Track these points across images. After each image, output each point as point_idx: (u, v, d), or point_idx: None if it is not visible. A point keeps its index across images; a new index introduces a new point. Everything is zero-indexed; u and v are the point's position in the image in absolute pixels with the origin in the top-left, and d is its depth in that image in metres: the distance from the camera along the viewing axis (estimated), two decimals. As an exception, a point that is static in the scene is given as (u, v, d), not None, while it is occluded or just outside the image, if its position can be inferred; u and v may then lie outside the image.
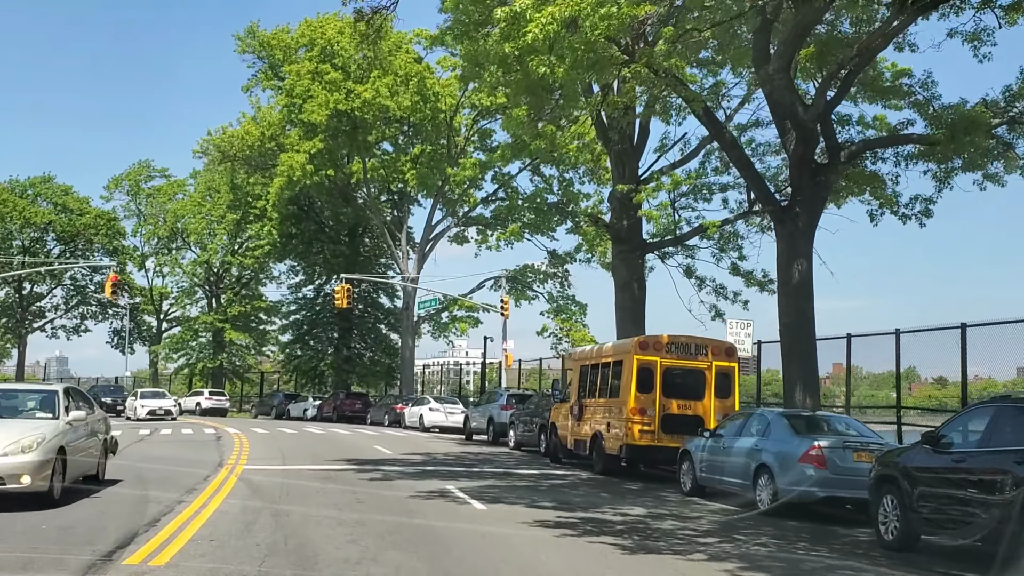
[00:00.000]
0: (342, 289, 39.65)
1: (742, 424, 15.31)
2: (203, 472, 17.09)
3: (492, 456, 24.17)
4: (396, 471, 18.36)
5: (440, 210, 51.74)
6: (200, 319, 67.19)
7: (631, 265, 25.79)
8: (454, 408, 39.24)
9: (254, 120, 50.38)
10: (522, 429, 26.88)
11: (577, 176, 50.34)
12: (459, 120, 49.53)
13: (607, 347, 20.35)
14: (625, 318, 25.65)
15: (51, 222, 72.63)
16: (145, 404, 45.02)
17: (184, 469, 17.69)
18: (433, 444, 28.74)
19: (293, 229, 54.73)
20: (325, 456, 21.94)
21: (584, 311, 50.59)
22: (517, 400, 30.37)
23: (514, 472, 19.46)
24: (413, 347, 51.17)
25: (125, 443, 26.07)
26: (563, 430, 22.28)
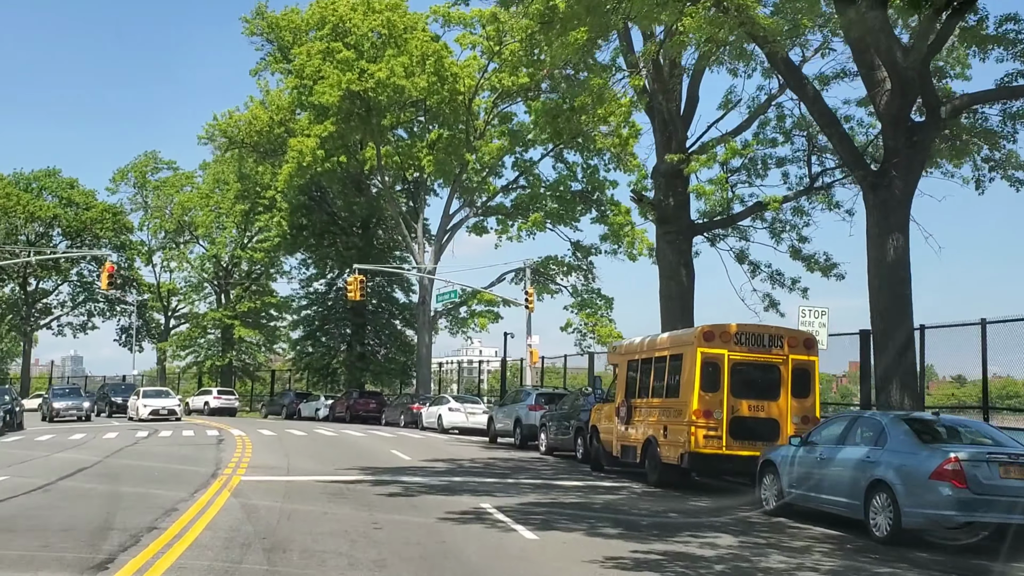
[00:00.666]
0: (355, 280, 36.99)
1: (844, 430, 12.52)
2: (191, 486, 14.44)
3: (524, 463, 21.44)
4: (419, 483, 15.66)
5: (458, 199, 49.07)
6: (208, 315, 64.75)
7: (678, 249, 23.02)
8: (475, 408, 36.54)
9: (262, 105, 47.78)
10: (555, 432, 24.14)
11: (602, 163, 47.75)
12: (478, 103, 46.80)
13: (662, 339, 17.59)
14: (671, 308, 22.90)
15: (56, 216, 70.35)
16: (147, 404, 42.57)
17: (169, 482, 15.07)
18: (455, 448, 26.05)
19: (304, 220, 52.10)
20: (336, 463, 19.28)
21: (610, 305, 47.80)
22: (546, 400, 27.64)
23: (555, 484, 16.72)
24: (430, 344, 48.51)
25: (115, 448, 23.54)
26: (606, 434, 19.54)
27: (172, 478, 15.90)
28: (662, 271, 23.32)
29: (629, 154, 46.40)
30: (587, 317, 46.61)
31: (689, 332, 16.51)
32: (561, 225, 48.57)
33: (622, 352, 19.10)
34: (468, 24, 45.12)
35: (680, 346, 16.59)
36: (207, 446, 24.14)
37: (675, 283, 22.97)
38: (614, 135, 45.63)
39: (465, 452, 24.39)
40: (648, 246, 46.83)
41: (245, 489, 14.21)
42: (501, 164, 48.54)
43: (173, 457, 20.78)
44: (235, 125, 46.81)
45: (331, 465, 18.81)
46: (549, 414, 25.02)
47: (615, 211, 46.84)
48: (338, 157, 45.32)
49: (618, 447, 18.68)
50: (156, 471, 17.12)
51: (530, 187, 47.73)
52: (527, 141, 47.94)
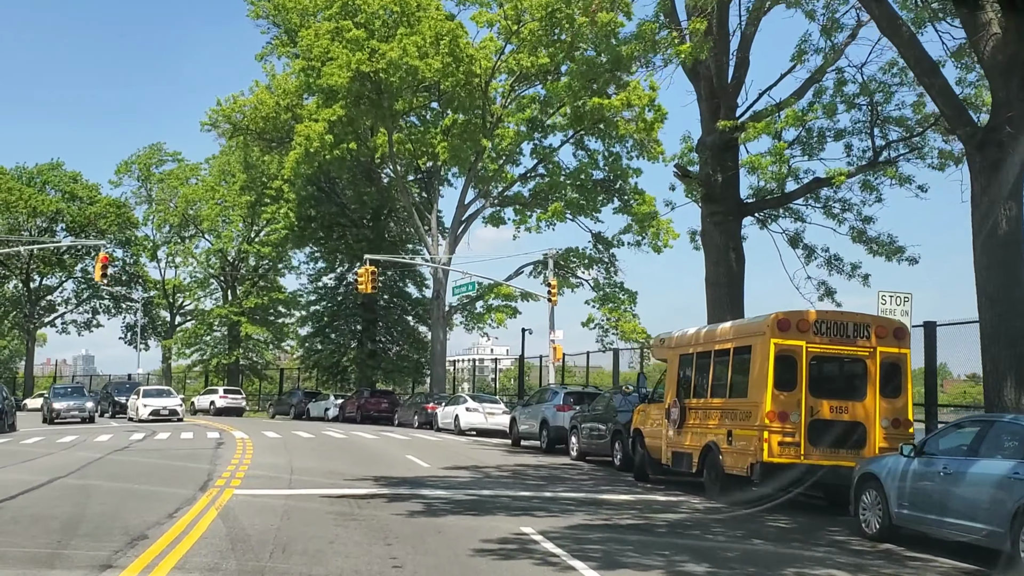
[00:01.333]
0: (366, 272, 34.62)
1: (976, 438, 10.09)
2: (174, 503, 12.12)
3: (556, 471, 19.06)
4: (442, 499, 13.30)
5: (473, 189, 46.70)
6: (214, 312, 62.60)
7: (727, 230, 20.60)
8: (494, 408, 34.22)
9: (268, 89, 45.48)
10: (587, 436, 21.74)
11: (624, 150, 45.36)
12: (494, 87, 44.42)
13: (724, 328, 15.16)
14: (719, 297, 20.48)
15: (59, 211, 68.29)
16: (148, 404, 40.37)
17: (148, 498, 12.77)
18: (477, 453, 23.69)
19: (312, 212, 49.79)
20: (346, 471, 16.94)
21: (634, 300, 45.29)
22: (575, 399, 25.25)
23: (601, 498, 14.33)
24: (445, 340, 46.16)
25: (103, 452, 21.29)
26: (653, 439, 17.14)
27: (155, 491, 13.61)
28: (708, 256, 20.90)
29: (653, 140, 44.01)
30: (610, 312, 44.20)
31: (759, 320, 14.08)
32: (581, 216, 46.20)
33: (672, 345, 16.67)
34: (484, 3, 42.75)
35: (747, 337, 14.18)
36: (204, 451, 21.85)
37: (723, 269, 20.55)
38: (638, 120, 43.35)
39: (488, 457, 22.03)
40: (674, 236, 44.43)
41: (237, 507, 11.88)
42: (519, 151, 46.19)
43: (163, 464, 18.49)
44: (240, 110, 44.52)
45: (340, 475, 16.47)
46: (580, 416, 22.63)
47: (639, 200, 44.40)
48: (347, 144, 42.99)
49: (668, 454, 16.27)
50: (138, 482, 14.81)
51: (549, 175, 45.33)
52: (546, 127, 45.62)
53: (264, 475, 16.12)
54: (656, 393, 17.47)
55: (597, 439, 21.17)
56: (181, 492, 13.28)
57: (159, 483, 14.65)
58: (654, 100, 43.15)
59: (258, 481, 15.13)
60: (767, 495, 14.35)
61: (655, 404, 17.31)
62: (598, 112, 42.80)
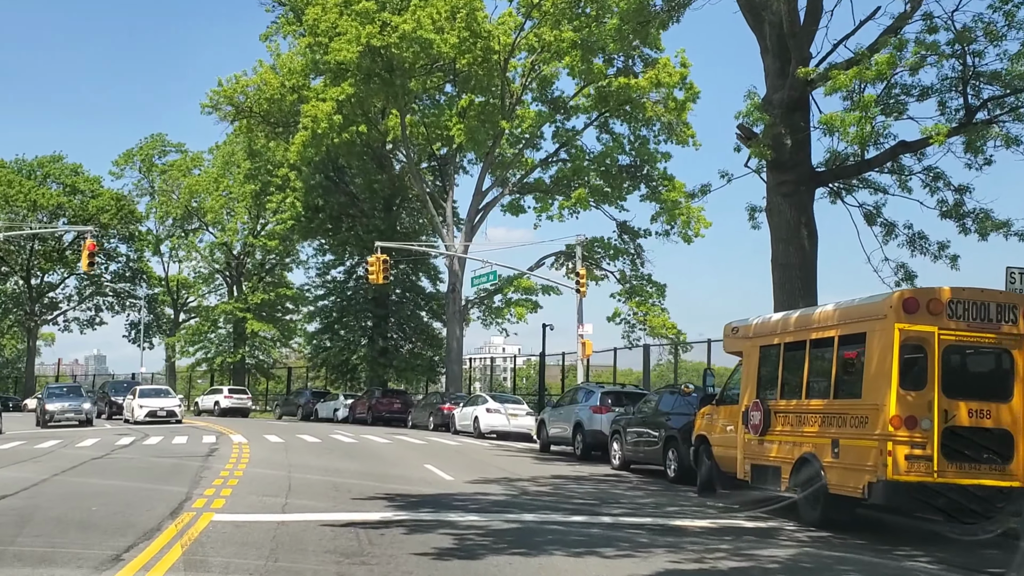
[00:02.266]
0: (377, 261, 31.74)
1: None
2: (132, 534, 9.32)
3: (603, 484, 16.18)
4: (476, 528, 10.43)
5: (490, 176, 43.85)
6: (219, 308, 59.90)
7: (798, 203, 17.68)
8: (517, 409, 31.38)
9: (273, 70, 42.66)
10: (633, 442, 18.85)
11: (652, 134, 42.49)
12: (514, 66, 41.56)
13: (824, 312, 12.20)
14: (789, 281, 17.57)
15: (61, 205, 65.77)
16: (144, 404, 37.64)
17: (102, 527, 9.93)
18: (503, 460, 20.83)
19: (319, 201, 46.91)
20: (354, 486, 14.09)
21: (662, 293, 42.44)
22: (613, 400, 22.37)
23: (674, 524, 11.44)
24: (461, 337, 43.24)
25: (78, 461, 18.55)
26: (723, 448, 14.25)
27: (116, 516, 10.80)
28: (775, 233, 17.98)
29: (683, 123, 41.19)
30: (637, 306, 41.29)
31: (877, 301, 11.15)
32: (606, 204, 43.39)
33: (751, 334, 13.73)
34: None
35: (860, 321, 11.24)
36: (192, 459, 19.04)
37: (794, 248, 17.63)
38: (667, 101, 40.48)
39: (518, 467, 19.17)
40: (706, 225, 41.59)
41: (210, 542, 9.05)
42: (540, 135, 43.33)
43: (141, 476, 15.67)
44: (242, 91, 41.75)
45: (346, 492, 13.63)
46: (624, 419, 19.72)
47: (668, 186, 41.58)
48: (357, 126, 40.22)
49: (745, 467, 13.36)
50: (99, 501, 12.03)
51: (572, 160, 42.43)
52: (569, 109, 42.73)
53: (255, 492, 13.28)
54: (727, 393, 14.55)
55: (646, 446, 18.28)
56: (145, 519, 10.46)
57: (122, 504, 11.83)
58: (685, 78, 40.30)
59: (246, 501, 12.29)
60: (874, 520, 11.45)
61: (726, 406, 14.40)
62: (624, 93, 39.96)
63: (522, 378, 63.74)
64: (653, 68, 39.95)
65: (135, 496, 12.75)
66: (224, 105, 41.85)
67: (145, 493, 13.07)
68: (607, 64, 40.79)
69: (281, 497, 12.86)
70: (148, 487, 13.93)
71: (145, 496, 12.73)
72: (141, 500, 12.30)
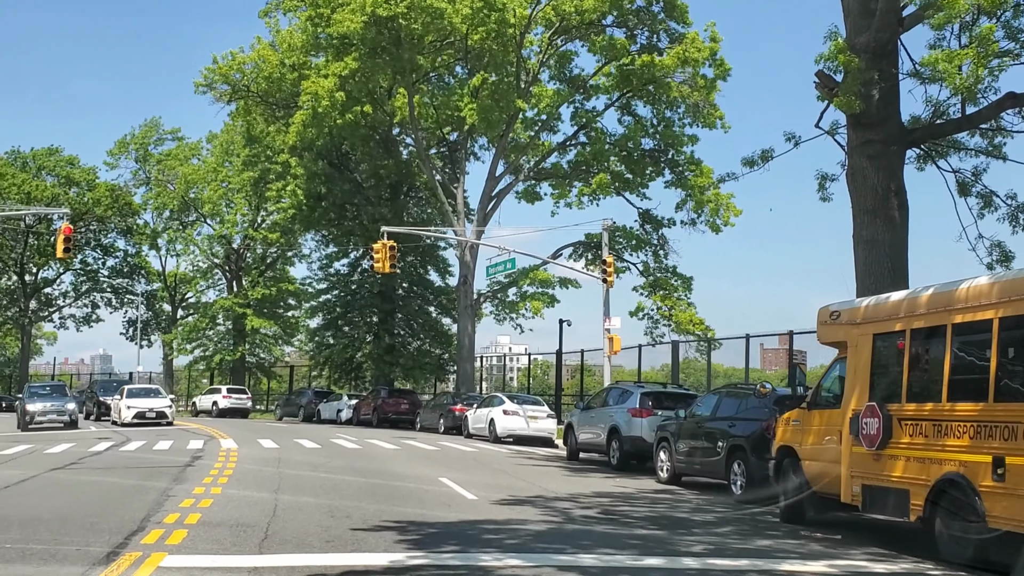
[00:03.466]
0: (383, 248, 28.84)
1: None
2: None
3: (661, 505, 13.30)
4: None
5: (504, 162, 40.99)
6: (217, 304, 57.10)
7: (885, 166, 14.81)
8: (537, 410, 28.54)
9: (272, 47, 39.78)
10: (687, 452, 15.98)
11: (677, 116, 39.63)
12: (530, 41, 38.70)
13: (975, 288, 9.26)
14: (876, 259, 14.70)
15: (56, 197, 63.00)
16: (132, 405, 34.86)
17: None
18: (530, 471, 17.97)
19: (322, 189, 43.96)
20: (354, 512, 11.26)
21: (688, 286, 39.55)
22: (653, 402, 19.48)
23: (791, 572, 8.54)
24: (473, 332, 40.37)
25: (37, 470, 15.77)
26: (817, 462, 11.38)
27: (31, 557, 7.96)
28: (859, 203, 15.09)
29: (710, 105, 38.28)
30: (662, 300, 38.40)
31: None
32: (627, 191, 40.51)
33: (859, 319, 10.81)
34: None
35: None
36: (167, 471, 16.18)
37: (881, 220, 14.76)
38: (694, 80, 37.59)
39: (550, 480, 16.29)
40: (736, 213, 38.72)
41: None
42: (557, 116, 40.47)
43: (90, 497, 12.84)
44: (239, 69, 38.90)
45: (345, 516, 10.80)
46: (673, 425, 16.83)
47: (695, 171, 38.71)
48: (361, 106, 37.34)
49: (852, 488, 10.47)
50: (23, 532, 9.19)
51: (593, 143, 39.51)
52: (589, 88, 39.86)
53: (229, 521, 10.42)
54: (823, 395, 11.66)
55: (703, 457, 15.41)
56: (66, 570, 7.61)
57: (50, 538, 8.97)
58: (715, 54, 37.38)
59: (214, 535, 9.43)
60: None
61: (821, 411, 11.51)
62: (648, 71, 37.10)
63: (530, 378, 60.72)
64: (680, 44, 37.10)
65: (73, 526, 9.89)
66: (219, 84, 39.01)
67: (88, 521, 10.22)
68: (630, 40, 37.98)
69: (261, 528, 9.99)
70: (96, 510, 11.09)
71: (85, 527, 9.87)
72: (77, 532, 9.45)
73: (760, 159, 17.13)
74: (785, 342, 24.30)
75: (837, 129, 16.05)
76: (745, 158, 17.10)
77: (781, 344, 30.53)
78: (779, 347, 39.28)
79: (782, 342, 30.14)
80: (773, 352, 79.98)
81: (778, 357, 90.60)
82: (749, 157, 17.17)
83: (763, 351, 71.68)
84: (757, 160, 17.18)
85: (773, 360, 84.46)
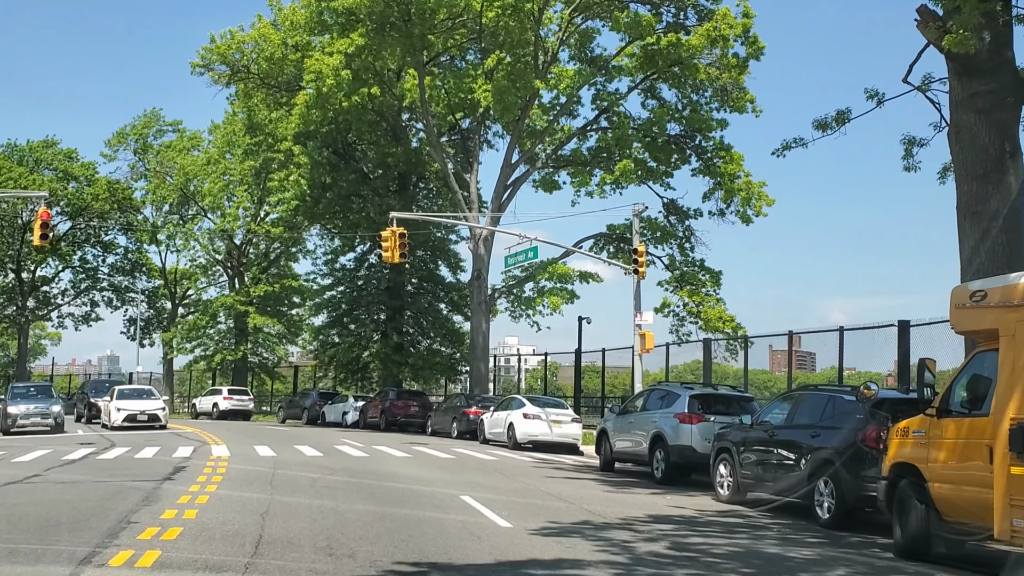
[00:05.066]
0: (392, 236, 26.30)
1: None
2: None
3: (742, 537, 10.78)
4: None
5: (519, 150, 38.50)
6: (218, 301, 54.73)
7: (999, 123, 12.33)
8: (561, 414, 26.07)
9: (273, 25, 37.32)
10: (755, 464, 13.46)
11: (704, 100, 37.18)
12: (549, 18, 36.22)
13: None
14: (985, 233, 12.15)
15: (54, 192, 60.67)
16: (122, 407, 32.49)
17: None
18: (564, 487, 15.46)
19: (327, 179, 41.48)
20: (359, 547, 8.80)
21: (717, 281, 37.08)
22: (702, 405, 16.97)
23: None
24: (487, 330, 37.86)
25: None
26: (951, 485, 8.87)
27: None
28: (964, 167, 12.59)
29: (740, 88, 35.79)
30: (690, 295, 35.92)
31: None
32: (650, 181, 38.06)
33: (1016, 300, 8.31)
34: None
35: None
36: (137, 487, 13.69)
37: (994, 186, 12.26)
38: (722, 61, 35.08)
39: (590, 498, 13.78)
40: (768, 203, 36.29)
41: None
42: (577, 99, 38.02)
43: (34, 523, 10.36)
44: (239, 49, 36.46)
45: (348, 552, 8.35)
46: (737, 433, 14.33)
47: (725, 157, 36.26)
48: (369, 88, 34.92)
49: (1014, 522, 7.94)
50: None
51: (615, 127, 37.02)
52: (611, 70, 37.36)
53: (197, 564, 7.95)
54: (957, 399, 9.13)
55: (779, 472, 12.89)
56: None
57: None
58: (748, 30, 34.84)
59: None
60: None
61: (956, 419, 8.98)
62: (674, 52, 34.60)
63: (536, 379, 58.14)
64: (710, 20, 34.59)
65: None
66: (217, 65, 36.55)
67: (7, 568, 7.77)
68: (655, 17, 35.47)
69: (239, 566, 7.52)
70: (24, 550, 8.61)
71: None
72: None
73: (835, 121, 14.63)
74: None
75: (930, 83, 13.53)
76: (817, 120, 14.63)
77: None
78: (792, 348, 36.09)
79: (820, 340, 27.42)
80: (782, 353, 76.56)
81: (787, 359, 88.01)
82: (821, 119, 14.68)
83: (772, 352, 68.67)
84: (831, 122, 14.67)
85: (783, 362, 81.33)
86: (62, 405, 33.72)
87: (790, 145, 15.66)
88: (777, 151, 15.61)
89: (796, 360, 78.72)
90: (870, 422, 11.46)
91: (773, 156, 15.96)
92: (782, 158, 18.82)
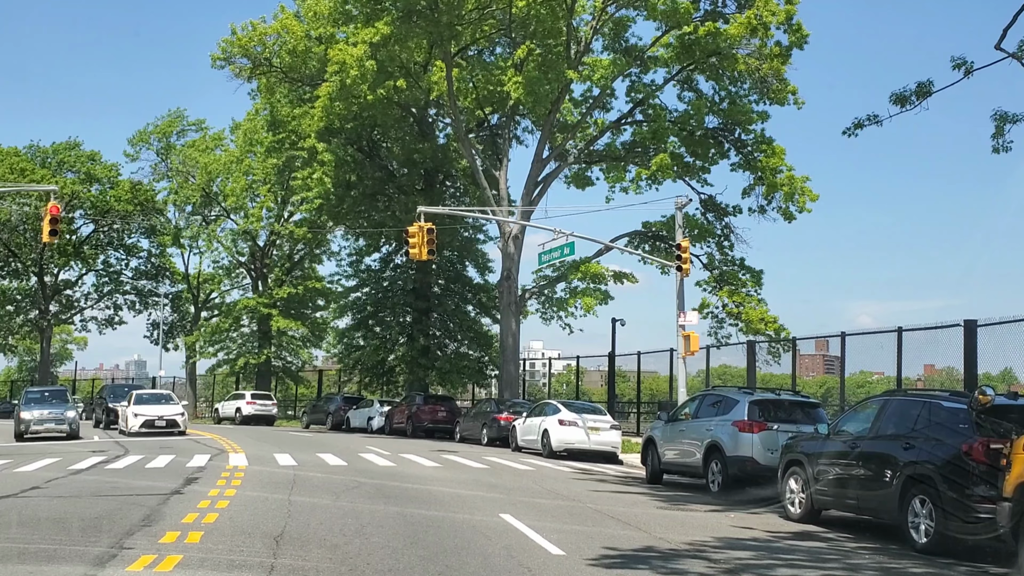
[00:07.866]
0: (420, 231, 24.91)
1: None
2: None
3: (833, 565, 9.21)
4: None
5: (550, 145, 37.03)
6: (241, 303, 53.67)
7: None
8: (599, 421, 24.53)
9: (296, 17, 36.12)
10: (834, 480, 11.86)
11: (743, 91, 35.51)
12: (582, 5, 34.77)
13: None
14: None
15: (76, 194, 60.03)
16: (140, 412, 31.34)
17: None
18: (612, 503, 13.93)
19: (351, 177, 40.20)
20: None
21: (759, 281, 35.37)
22: (762, 412, 15.38)
23: None
24: (518, 332, 36.38)
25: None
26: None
27: None
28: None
29: (780, 80, 34.09)
30: (731, 296, 34.27)
31: None
32: (687, 176, 36.46)
33: None
34: None
35: None
36: (141, 502, 12.34)
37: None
38: (761, 50, 33.43)
39: (646, 517, 12.26)
40: (812, 198, 34.56)
41: None
42: (611, 92, 36.50)
43: (18, 545, 9.01)
44: (260, 41, 35.28)
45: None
46: (809, 443, 12.74)
47: (766, 151, 34.59)
48: (395, 81, 33.60)
49: None
50: None
51: (652, 121, 35.44)
52: (646, 61, 35.78)
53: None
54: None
55: (863, 489, 11.27)
56: None
57: None
58: (792, 17, 33.18)
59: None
60: None
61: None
62: (712, 42, 33.01)
63: (562, 384, 56.55)
64: (750, 8, 32.95)
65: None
66: (239, 58, 35.40)
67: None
68: (693, 5, 33.87)
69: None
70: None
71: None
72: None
73: (915, 94, 13.03)
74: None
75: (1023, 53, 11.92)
76: (895, 93, 13.01)
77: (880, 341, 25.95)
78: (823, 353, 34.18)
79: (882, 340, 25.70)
80: (810, 358, 73.97)
81: (814, 363, 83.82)
82: (900, 91, 13.07)
83: (799, 356, 66.43)
84: (911, 96, 13.06)
85: (810, 366, 78.71)
86: (77, 411, 32.58)
87: (862, 123, 14.08)
88: (848, 130, 14.07)
89: (824, 364, 76.98)
90: (977, 433, 9.87)
91: (844, 135, 14.36)
92: (854, 137, 17.23)
